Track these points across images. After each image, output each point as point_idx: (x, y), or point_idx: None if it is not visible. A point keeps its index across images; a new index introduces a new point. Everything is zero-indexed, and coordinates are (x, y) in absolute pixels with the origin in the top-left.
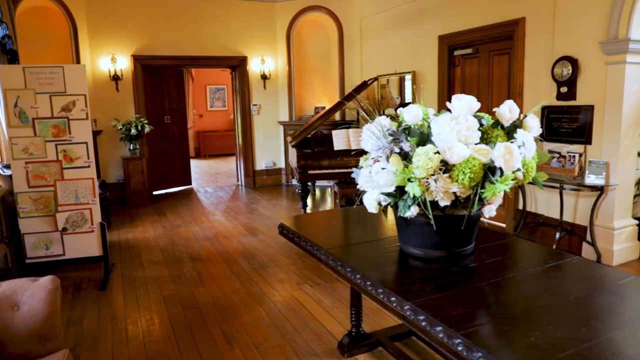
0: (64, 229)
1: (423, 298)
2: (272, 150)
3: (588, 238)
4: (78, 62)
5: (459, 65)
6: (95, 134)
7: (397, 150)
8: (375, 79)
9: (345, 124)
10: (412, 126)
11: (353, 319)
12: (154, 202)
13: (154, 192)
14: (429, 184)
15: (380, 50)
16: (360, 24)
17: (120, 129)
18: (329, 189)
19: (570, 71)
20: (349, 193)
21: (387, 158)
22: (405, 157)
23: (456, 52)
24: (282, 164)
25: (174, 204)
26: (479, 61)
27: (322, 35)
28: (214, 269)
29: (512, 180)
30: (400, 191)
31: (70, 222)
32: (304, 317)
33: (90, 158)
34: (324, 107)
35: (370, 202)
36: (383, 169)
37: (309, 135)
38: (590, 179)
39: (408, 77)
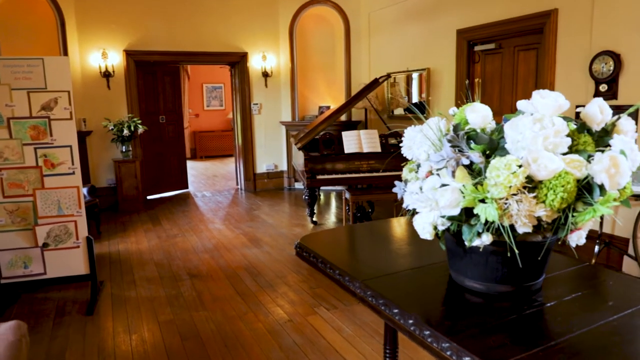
0: (44, 244)
1: None
2: (273, 152)
3: (630, 251)
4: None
5: (479, 62)
6: (85, 134)
7: (465, 161)
8: (388, 76)
9: (352, 124)
10: (479, 130)
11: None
12: (148, 208)
13: (148, 197)
14: (507, 206)
15: (389, 47)
16: (368, 18)
17: (112, 129)
18: (334, 193)
19: (612, 67)
20: (361, 200)
21: (453, 173)
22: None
23: (476, 48)
24: (284, 167)
25: (169, 210)
26: (502, 57)
27: (328, 30)
28: (216, 288)
29: (615, 200)
30: (465, 213)
31: (52, 237)
32: (323, 350)
33: (74, 164)
34: (328, 107)
35: (424, 227)
36: (443, 185)
37: (317, 137)
38: (635, 187)
39: (415, 76)
